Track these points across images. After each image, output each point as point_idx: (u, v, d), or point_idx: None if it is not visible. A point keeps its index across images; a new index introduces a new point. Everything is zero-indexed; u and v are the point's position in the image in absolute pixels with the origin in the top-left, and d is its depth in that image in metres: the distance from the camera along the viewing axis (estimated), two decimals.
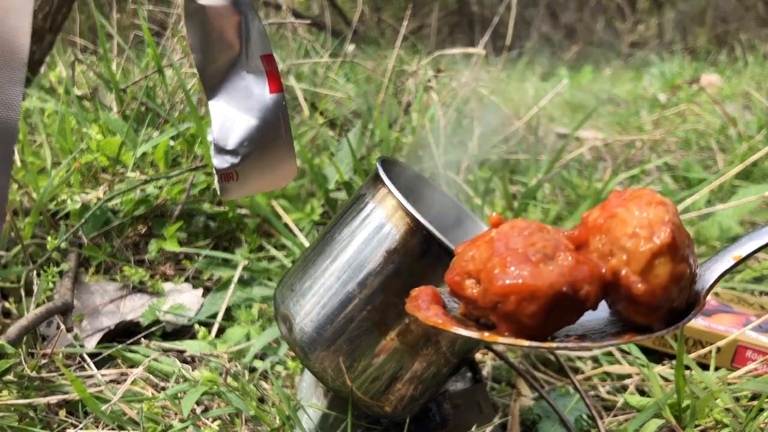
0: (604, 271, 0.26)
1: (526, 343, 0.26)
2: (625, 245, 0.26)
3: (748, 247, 0.29)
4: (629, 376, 0.65)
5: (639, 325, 0.27)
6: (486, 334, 0.26)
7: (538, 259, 0.26)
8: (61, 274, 0.71)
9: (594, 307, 0.26)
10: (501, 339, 0.26)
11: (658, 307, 0.26)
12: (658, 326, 0.27)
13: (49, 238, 0.72)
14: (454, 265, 0.29)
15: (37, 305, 0.66)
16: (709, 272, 0.29)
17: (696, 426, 0.55)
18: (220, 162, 0.27)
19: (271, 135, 0.27)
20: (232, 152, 0.27)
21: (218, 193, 0.28)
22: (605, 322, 0.28)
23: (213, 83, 0.27)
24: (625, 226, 0.26)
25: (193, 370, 0.60)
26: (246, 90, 0.27)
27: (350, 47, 1.91)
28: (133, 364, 0.62)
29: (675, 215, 0.26)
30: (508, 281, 0.25)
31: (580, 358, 0.68)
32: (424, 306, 0.29)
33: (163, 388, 0.59)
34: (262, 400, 0.58)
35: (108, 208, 0.78)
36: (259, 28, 0.27)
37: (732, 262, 0.30)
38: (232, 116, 0.27)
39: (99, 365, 0.63)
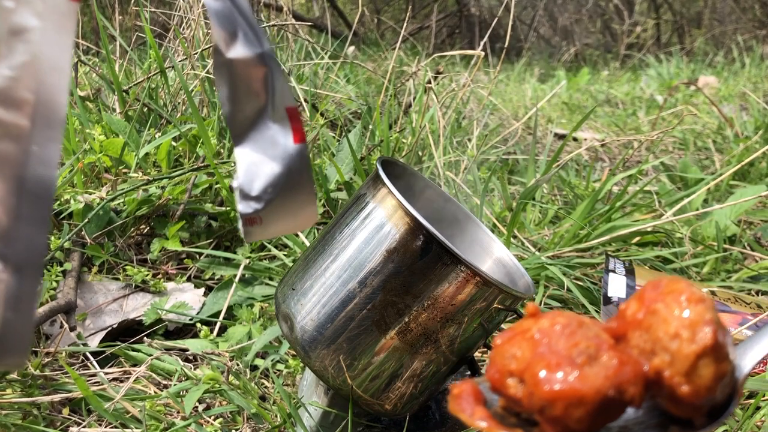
0: (646, 369, 0.26)
1: None
2: (668, 346, 0.26)
3: None
4: None
5: (678, 417, 0.27)
6: None
7: (582, 361, 0.26)
8: (64, 273, 0.72)
9: (638, 407, 0.27)
10: None
11: (701, 406, 0.26)
12: (700, 421, 0.27)
13: (52, 238, 0.73)
14: (494, 361, 0.29)
15: (41, 304, 0.67)
16: (745, 358, 0.29)
17: None
18: (244, 207, 0.27)
19: (294, 183, 0.28)
20: (257, 198, 0.27)
21: (241, 236, 0.29)
22: (643, 411, 0.28)
23: (240, 132, 0.27)
24: (666, 326, 0.26)
25: (195, 369, 0.61)
26: (271, 139, 0.27)
27: (350, 48, 1.91)
28: (135, 363, 0.63)
29: (715, 312, 0.26)
30: (555, 387, 0.25)
31: None
32: (468, 408, 0.29)
33: (166, 387, 0.60)
34: (263, 398, 0.58)
35: (111, 208, 0.79)
36: (283, 80, 0.28)
37: None
38: (258, 163, 0.27)
39: (102, 364, 0.63)
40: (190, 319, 0.70)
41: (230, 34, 0.26)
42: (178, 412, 0.56)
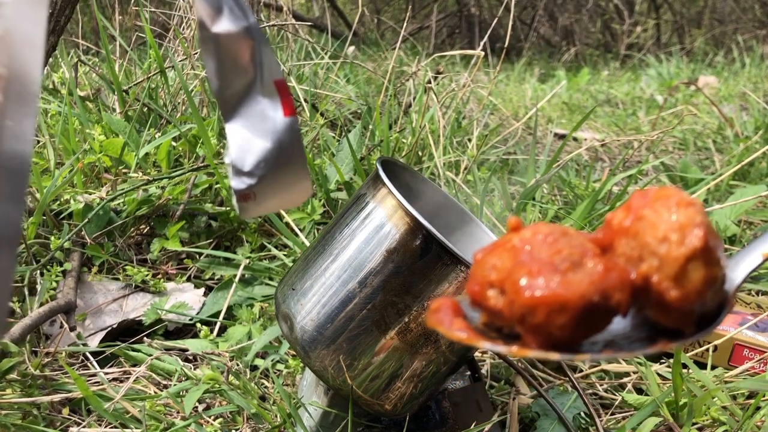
0: (633, 276, 0.25)
1: (557, 356, 0.25)
2: (656, 250, 0.25)
3: None
4: (627, 374, 0.65)
5: (668, 329, 0.26)
6: (514, 348, 0.25)
7: (565, 267, 0.25)
8: (64, 273, 0.72)
9: (624, 315, 0.26)
10: (530, 352, 0.25)
11: (691, 312, 0.25)
12: (690, 330, 0.26)
13: (52, 238, 0.73)
14: (474, 274, 0.27)
15: (41, 304, 0.67)
16: (736, 270, 0.28)
17: (693, 424, 0.56)
18: (237, 183, 0.27)
19: (285, 157, 0.28)
20: (249, 173, 0.27)
21: (237, 212, 0.29)
22: (631, 326, 0.27)
23: (229, 107, 0.27)
24: (654, 230, 0.25)
25: (194, 369, 0.61)
26: (261, 114, 0.27)
27: (350, 48, 1.91)
28: (135, 363, 0.63)
29: (705, 216, 0.25)
30: (536, 293, 0.24)
31: None
32: (446, 320, 0.27)
33: (166, 387, 0.60)
34: (263, 398, 0.58)
35: (110, 208, 0.79)
36: (270, 53, 0.28)
37: (760, 259, 0.28)
38: (249, 139, 0.27)
39: (102, 364, 0.63)
40: (190, 319, 0.70)
41: (215, 9, 0.26)
42: (178, 412, 0.56)
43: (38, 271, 0.71)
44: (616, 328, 0.27)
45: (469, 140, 1.20)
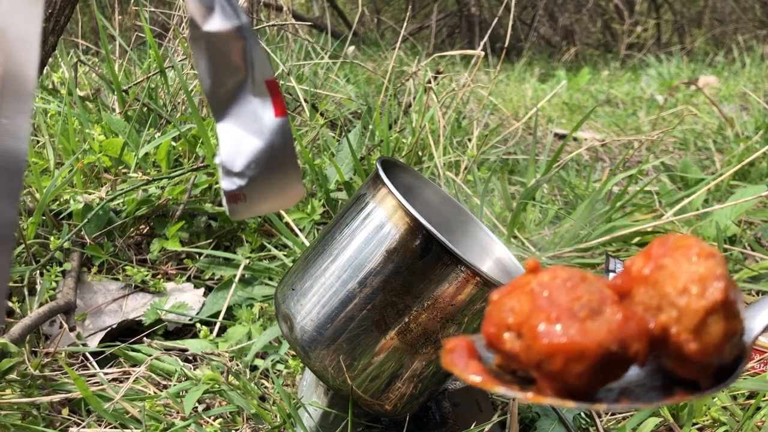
0: (652, 326, 0.25)
1: (573, 404, 0.25)
2: (676, 301, 0.25)
3: None
4: None
5: (684, 379, 0.26)
6: (530, 394, 0.25)
7: (584, 315, 0.25)
8: (63, 273, 0.72)
9: (642, 365, 0.25)
10: (546, 400, 0.25)
11: (709, 366, 0.25)
12: (706, 383, 0.26)
13: (51, 238, 0.73)
14: (491, 315, 0.27)
15: (40, 304, 0.67)
16: (755, 320, 0.28)
17: (693, 424, 0.56)
18: (228, 184, 0.27)
19: (276, 158, 0.28)
20: (240, 174, 0.27)
21: (227, 214, 0.28)
22: (645, 373, 0.27)
23: (221, 107, 0.27)
24: (674, 281, 0.25)
25: (194, 369, 0.61)
26: (252, 114, 0.27)
27: (350, 48, 1.91)
28: (135, 363, 0.63)
29: (725, 268, 0.25)
30: (555, 340, 0.24)
31: None
32: (461, 363, 0.27)
33: (165, 387, 0.60)
34: (263, 398, 0.58)
35: (110, 208, 0.79)
36: (261, 53, 0.28)
37: None
38: (240, 139, 0.27)
39: (101, 364, 0.63)
40: (190, 320, 0.70)
41: (207, 8, 0.26)
42: (178, 413, 0.56)
43: (38, 271, 0.71)
44: (631, 375, 0.27)
45: (469, 140, 1.20)
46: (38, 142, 0.95)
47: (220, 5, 0.26)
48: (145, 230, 0.83)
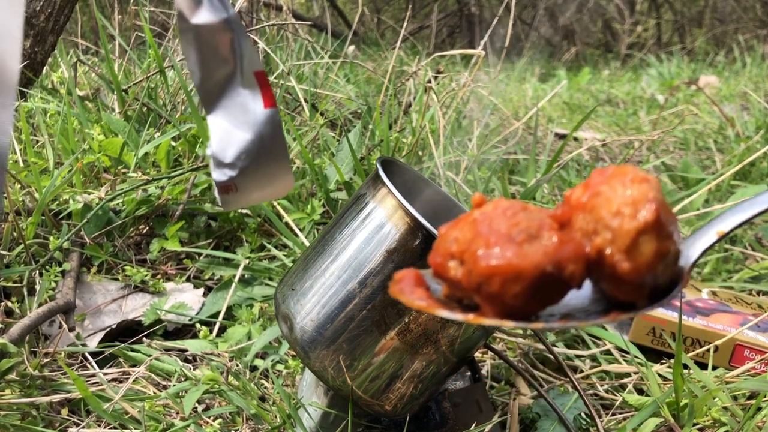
0: (588, 249, 0.26)
1: (511, 323, 0.26)
2: (610, 224, 0.26)
3: (731, 221, 0.30)
4: (628, 375, 0.65)
5: (623, 303, 0.27)
6: (471, 316, 0.27)
7: (522, 239, 0.26)
8: (63, 273, 0.72)
9: (578, 286, 0.27)
10: (486, 321, 0.26)
11: (642, 285, 0.26)
12: (642, 303, 0.27)
13: (51, 238, 0.73)
14: (437, 246, 0.28)
15: (40, 305, 0.66)
16: (693, 248, 0.29)
17: (694, 425, 0.56)
18: (219, 175, 0.28)
19: (267, 148, 0.28)
20: (230, 165, 0.28)
21: (219, 204, 0.29)
22: (589, 301, 0.28)
23: (210, 99, 0.28)
24: (609, 204, 0.26)
25: (194, 369, 0.61)
26: (242, 105, 0.27)
27: (350, 48, 1.91)
28: (134, 363, 0.63)
29: (659, 192, 0.26)
30: (492, 262, 0.25)
31: (578, 356, 0.68)
32: (408, 290, 0.29)
33: (165, 387, 0.59)
34: (262, 398, 0.58)
35: (110, 208, 0.79)
36: (250, 45, 0.28)
37: (715, 237, 0.29)
38: (230, 131, 0.27)
39: (101, 364, 0.63)
40: (190, 320, 0.70)
41: (195, 1, 0.26)
42: (178, 413, 0.56)
43: (37, 271, 0.70)
44: (575, 303, 0.28)
45: (470, 140, 1.19)
46: (37, 141, 0.95)
47: None
48: (145, 230, 0.83)
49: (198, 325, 0.67)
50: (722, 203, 1.03)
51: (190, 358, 0.65)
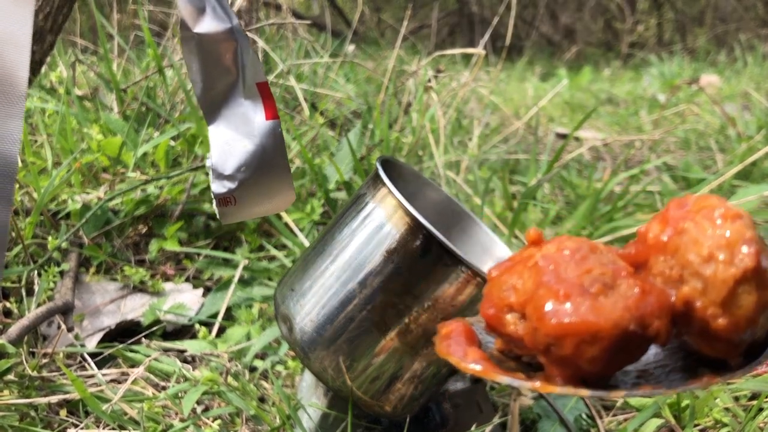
0: (673, 300, 0.22)
1: (588, 393, 0.22)
2: (700, 271, 0.21)
3: None
4: None
5: (709, 358, 0.23)
6: (537, 383, 0.22)
7: (597, 290, 0.22)
8: (61, 273, 0.71)
9: (664, 345, 0.22)
10: (557, 389, 0.22)
11: (740, 343, 0.22)
12: (736, 361, 0.23)
13: (49, 238, 0.72)
14: (490, 295, 0.24)
15: (38, 305, 0.66)
16: None
17: (695, 425, 0.55)
18: (218, 187, 0.27)
19: (267, 162, 0.28)
20: (230, 177, 0.27)
21: (217, 217, 0.28)
22: (666, 352, 0.24)
23: (212, 109, 0.27)
24: (697, 247, 0.22)
25: (193, 370, 0.60)
26: (243, 116, 0.27)
27: (350, 47, 1.91)
28: (133, 364, 0.62)
29: (755, 229, 0.22)
30: (564, 320, 0.21)
31: None
32: (458, 350, 0.24)
33: (164, 388, 0.59)
34: (262, 399, 0.58)
35: (108, 208, 0.79)
36: (253, 55, 0.27)
37: None
38: (231, 142, 0.27)
39: (100, 365, 0.63)
40: (189, 320, 0.70)
41: (198, 9, 0.26)
42: (177, 414, 0.55)
43: (36, 272, 0.70)
44: (649, 355, 0.24)
45: (470, 139, 1.19)
46: (36, 141, 0.95)
47: (211, 7, 0.26)
48: (144, 230, 0.83)
49: (197, 326, 0.67)
50: None
51: (189, 358, 0.65)
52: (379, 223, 0.44)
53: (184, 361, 0.65)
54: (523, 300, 0.23)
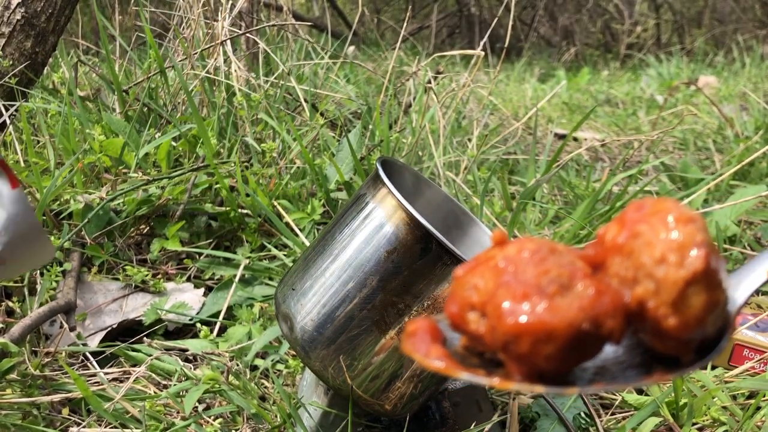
0: (627, 300, 0.23)
1: (543, 389, 0.23)
2: (653, 272, 0.22)
3: None
4: None
5: (663, 355, 0.24)
6: (495, 380, 0.23)
7: (553, 290, 0.22)
8: (64, 273, 0.72)
9: (617, 343, 0.23)
10: (514, 385, 0.23)
11: (690, 341, 0.23)
12: (688, 357, 0.24)
13: (52, 238, 0.73)
14: (454, 294, 0.25)
15: (41, 304, 0.67)
16: (738, 289, 0.25)
17: (693, 424, 0.56)
18: None
19: (21, 224, 0.32)
20: None
21: None
22: (623, 349, 0.25)
23: None
24: (651, 249, 0.23)
25: (194, 369, 0.61)
26: None
27: (350, 48, 1.91)
28: (135, 363, 0.63)
29: (706, 233, 0.23)
30: (520, 319, 0.22)
31: None
32: (422, 347, 0.25)
33: (165, 387, 0.60)
34: (263, 398, 0.58)
35: (110, 208, 0.79)
36: None
37: (765, 277, 0.26)
38: None
39: (102, 364, 0.63)
40: (190, 320, 0.70)
41: None
42: (178, 413, 0.56)
43: (38, 271, 0.71)
44: (607, 352, 0.24)
45: (469, 140, 1.20)
46: (38, 142, 0.95)
47: None
48: (146, 230, 0.83)
49: (198, 325, 0.67)
50: (721, 203, 1.03)
51: (191, 357, 0.65)
52: (379, 223, 0.45)
53: (186, 360, 0.65)
54: (484, 299, 0.24)
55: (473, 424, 0.52)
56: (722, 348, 0.24)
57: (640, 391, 0.64)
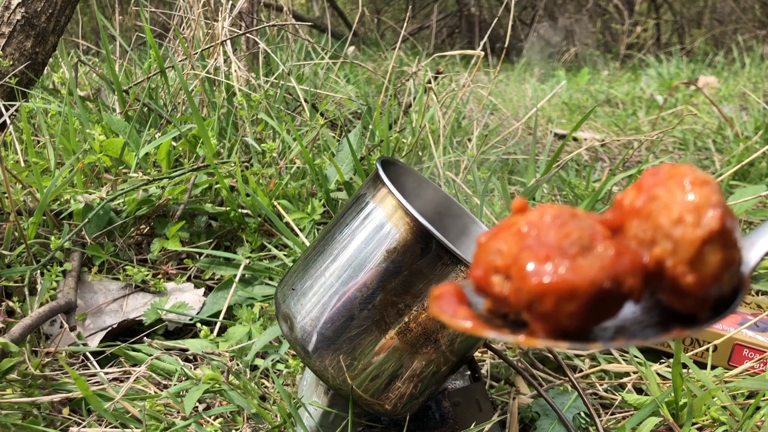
0: (646, 260, 0.24)
1: (566, 345, 0.24)
2: (670, 233, 0.23)
3: None
4: (627, 374, 0.66)
5: (681, 313, 0.25)
6: (521, 337, 0.24)
7: (575, 251, 0.23)
8: (64, 273, 0.72)
9: (637, 300, 0.24)
10: (539, 342, 0.24)
11: (707, 298, 0.24)
12: (704, 315, 0.25)
13: (52, 238, 0.73)
14: (478, 259, 0.26)
15: (41, 304, 0.67)
16: (752, 251, 0.26)
17: (693, 424, 0.56)
18: None
19: None
20: None
21: None
22: (642, 310, 0.26)
23: None
24: (668, 211, 0.24)
25: (195, 369, 0.61)
26: None
27: (350, 49, 1.91)
28: (135, 363, 0.63)
29: (721, 194, 0.24)
30: (544, 279, 0.23)
31: (578, 356, 0.69)
32: (449, 309, 0.26)
33: (166, 387, 0.60)
34: (263, 398, 0.58)
35: (111, 208, 0.79)
36: None
37: None
38: None
39: (102, 364, 0.63)
40: (190, 319, 0.70)
41: None
42: (178, 412, 0.56)
43: (38, 271, 0.71)
44: (627, 313, 0.25)
45: (469, 140, 1.20)
46: (38, 142, 0.95)
47: None
48: (146, 230, 0.83)
49: (198, 325, 0.67)
50: None
51: (191, 357, 0.65)
52: (379, 222, 0.45)
53: (186, 359, 0.65)
54: (508, 262, 0.25)
55: (473, 424, 0.52)
56: (737, 305, 0.25)
57: (639, 391, 0.64)
